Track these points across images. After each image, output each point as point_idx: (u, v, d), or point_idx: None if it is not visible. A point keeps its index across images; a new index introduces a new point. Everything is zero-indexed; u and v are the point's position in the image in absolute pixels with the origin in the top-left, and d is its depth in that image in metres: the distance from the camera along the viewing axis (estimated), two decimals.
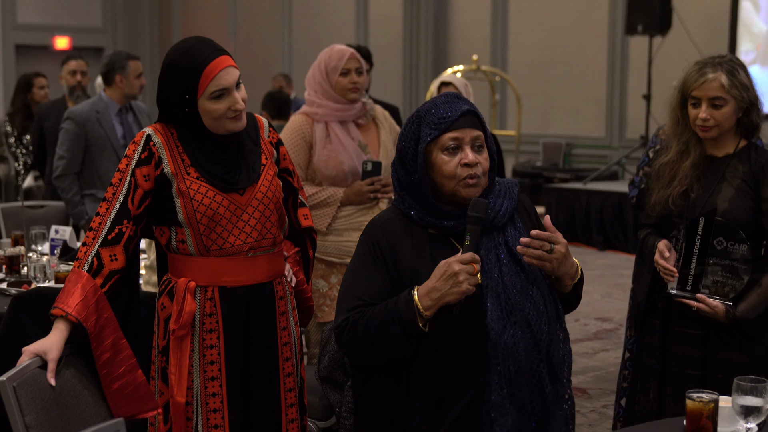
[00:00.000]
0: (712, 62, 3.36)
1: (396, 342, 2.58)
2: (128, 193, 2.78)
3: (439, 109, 2.65)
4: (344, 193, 4.32)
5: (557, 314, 2.68)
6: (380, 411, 2.68)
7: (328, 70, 4.38)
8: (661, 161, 3.50)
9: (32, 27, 16.61)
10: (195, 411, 2.86)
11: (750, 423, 2.50)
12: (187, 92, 2.78)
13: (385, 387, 2.67)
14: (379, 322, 2.58)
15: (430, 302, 2.55)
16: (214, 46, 2.82)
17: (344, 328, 2.63)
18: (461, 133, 2.63)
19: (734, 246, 3.23)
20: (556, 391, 2.63)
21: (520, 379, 2.57)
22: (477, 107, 2.74)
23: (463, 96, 2.73)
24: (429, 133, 2.63)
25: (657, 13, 10.32)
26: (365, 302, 2.63)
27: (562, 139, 12.37)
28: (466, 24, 13.57)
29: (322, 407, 3.68)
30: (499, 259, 2.65)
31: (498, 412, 2.55)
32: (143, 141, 2.83)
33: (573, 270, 2.70)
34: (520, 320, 2.59)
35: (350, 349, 2.66)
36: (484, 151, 2.67)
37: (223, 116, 2.80)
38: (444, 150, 2.64)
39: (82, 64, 7.07)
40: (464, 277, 2.52)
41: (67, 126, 5.83)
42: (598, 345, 6.63)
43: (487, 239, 2.67)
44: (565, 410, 2.64)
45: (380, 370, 2.67)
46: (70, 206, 5.86)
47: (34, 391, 2.58)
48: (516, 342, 2.57)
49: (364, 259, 2.70)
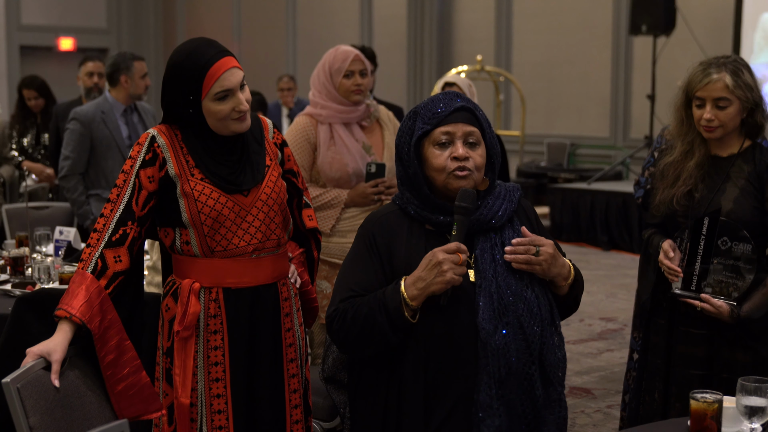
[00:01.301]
0: (716, 63, 3.36)
1: (381, 331, 2.58)
2: (132, 194, 2.78)
3: (433, 105, 2.68)
4: (348, 195, 4.31)
5: (552, 318, 2.67)
6: (373, 407, 2.69)
7: (332, 72, 4.37)
8: (665, 161, 3.50)
9: (36, 28, 16.63)
10: (199, 412, 2.86)
11: (754, 423, 2.50)
12: (192, 93, 2.78)
13: (377, 383, 2.68)
14: (366, 311, 2.60)
15: (416, 291, 2.55)
16: (218, 47, 2.82)
17: (335, 317, 2.66)
18: (453, 127, 2.65)
19: (738, 246, 3.23)
20: (548, 395, 2.63)
21: (511, 380, 2.57)
22: (479, 106, 2.75)
23: (464, 95, 2.74)
24: (421, 127, 2.66)
25: (661, 13, 10.31)
26: (357, 293, 2.66)
27: (566, 139, 12.36)
28: (470, 24, 13.57)
29: (326, 408, 3.67)
30: (495, 259, 2.65)
31: (486, 412, 2.54)
32: (147, 142, 2.83)
33: (565, 270, 2.71)
34: (512, 321, 2.59)
35: (340, 338, 2.68)
36: (478, 147, 2.67)
37: (227, 117, 2.80)
38: (436, 144, 2.66)
39: (99, 66, 7.08)
40: (448, 266, 2.52)
41: (73, 126, 5.84)
42: (603, 345, 6.63)
43: (484, 240, 2.67)
44: (558, 415, 2.63)
45: (373, 366, 2.69)
46: (76, 206, 5.87)
47: (38, 392, 2.58)
48: (507, 343, 2.57)
49: (359, 252, 2.73)
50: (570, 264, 2.75)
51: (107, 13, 17.63)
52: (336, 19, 15.32)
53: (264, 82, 13.49)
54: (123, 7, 17.80)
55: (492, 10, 13.17)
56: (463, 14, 13.68)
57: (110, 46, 17.00)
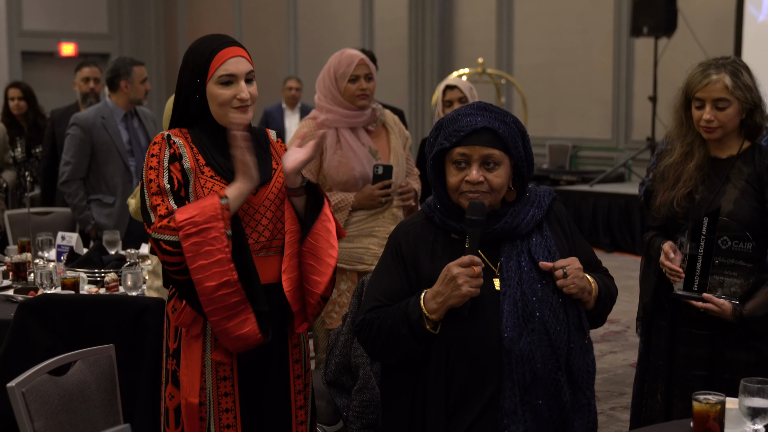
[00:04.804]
0: (715, 64, 3.36)
1: (406, 342, 2.62)
2: (170, 179, 2.81)
3: (457, 121, 2.67)
4: (355, 198, 4.30)
5: (580, 323, 2.67)
6: (401, 412, 2.71)
7: (336, 76, 4.35)
8: (665, 163, 3.50)
9: (38, 34, 16.66)
10: (208, 411, 2.87)
11: (757, 424, 2.49)
12: (199, 75, 2.85)
13: (405, 388, 2.70)
14: (390, 322, 2.63)
15: (435, 305, 2.57)
16: (231, 40, 2.91)
17: (362, 327, 2.71)
18: (470, 150, 2.64)
19: (739, 245, 3.23)
20: (577, 400, 2.62)
21: (537, 386, 2.57)
22: (510, 115, 2.69)
23: (494, 107, 2.70)
24: (441, 143, 2.67)
25: (662, 14, 10.32)
26: (383, 303, 2.69)
27: (568, 141, 12.37)
28: (471, 27, 13.57)
29: (329, 412, 3.67)
30: (520, 266, 2.65)
31: (510, 419, 2.55)
32: (166, 139, 2.86)
33: (589, 286, 2.69)
34: (538, 327, 2.58)
35: (368, 347, 2.75)
36: (497, 168, 2.65)
37: (227, 103, 2.84)
38: (453, 163, 2.67)
39: (95, 71, 7.10)
40: (463, 280, 2.53)
41: (73, 132, 5.85)
42: (606, 347, 6.63)
43: (510, 247, 2.68)
44: (586, 419, 2.63)
45: (402, 371, 2.71)
46: (77, 212, 5.88)
47: (42, 396, 2.59)
48: (532, 349, 2.57)
49: (386, 262, 2.76)
50: (592, 280, 2.72)
51: (108, 18, 17.65)
52: (337, 23, 15.34)
53: (266, 86, 13.48)
54: (124, 13, 17.82)
55: (493, 12, 13.18)
56: (464, 17, 13.68)
57: (112, 51, 17.02)
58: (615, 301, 2.84)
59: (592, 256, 2.86)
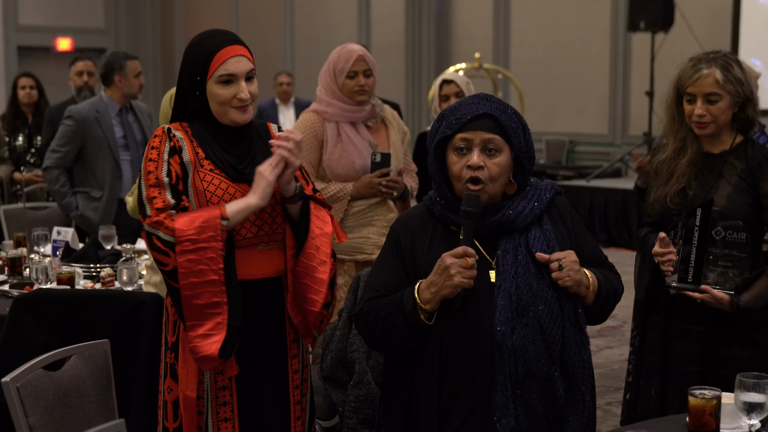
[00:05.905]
0: (706, 58, 3.36)
1: (399, 333, 2.63)
2: (169, 172, 2.80)
3: (458, 109, 2.69)
4: (354, 187, 4.31)
5: (576, 318, 2.66)
6: (397, 404, 2.72)
7: (335, 72, 4.36)
8: (658, 159, 3.50)
9: (34, 28, 16.63)
10: (206, 405, 2.87)
11: (753, 419, 2.50)
12: (199, 73, 2.85)
13: (401, 381, 2.71)
14: (386, 313, 2.65)
15: (429, 296, 2.58)
16: (233, 37, 2.90)
17: (360, 317, 2.73)
18: (472, 134, 2.65)
19: (733, 235, 3.21)
20: (572, 395, 2.61)
21: (530, 380, 2.57)
22: (510, 107, 2.72)
23: (496, 99, 2.72)
24: (443, 131, 2.68)
25: (659, 9, 10.31)
26: (381, 294, 2.71)
27: (565, 136, 12.36)
28: (468, 22, 13.56)
29: (325, 407, 3.67)
30: (517, 259, 2.65)
31: (502, 412, 2.54)
32: (166, 133, 2.86)
33: (586, 279, 2.69)
34: (532, 322, 2.58)
35: (365, 337, 2.77)
36: (498, 155, 2.66)
37: (227, 103, 2.84)
38: (455, 150, 2.67)
39: (89, 65, 7.11)
40: (456, 271, 2.53)
41: (68, 123, 5.87)
42: (602, 342, 6.63)
43: (507, 240, 2.68)
44: (581, 415, 2.62)
45: (399, 364, 2.72)
46: (58, 197, 5.88)
47: (37, 391, 2.59)
48: (526, 344, 2.57)
49: (386, 253, 2.79)
50: (589, 275, 2.72)
51: (105, 13, 17.62)
52: (334, 18, 15.32)
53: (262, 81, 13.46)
54: (120, 8, 17.79)
55: (490, 7, 13.17)
56: (461, 12, 13.67)
57: (108, 46, 16.97)
58: (619, 298, 2.83)
59: (597, 252, 2.85)
